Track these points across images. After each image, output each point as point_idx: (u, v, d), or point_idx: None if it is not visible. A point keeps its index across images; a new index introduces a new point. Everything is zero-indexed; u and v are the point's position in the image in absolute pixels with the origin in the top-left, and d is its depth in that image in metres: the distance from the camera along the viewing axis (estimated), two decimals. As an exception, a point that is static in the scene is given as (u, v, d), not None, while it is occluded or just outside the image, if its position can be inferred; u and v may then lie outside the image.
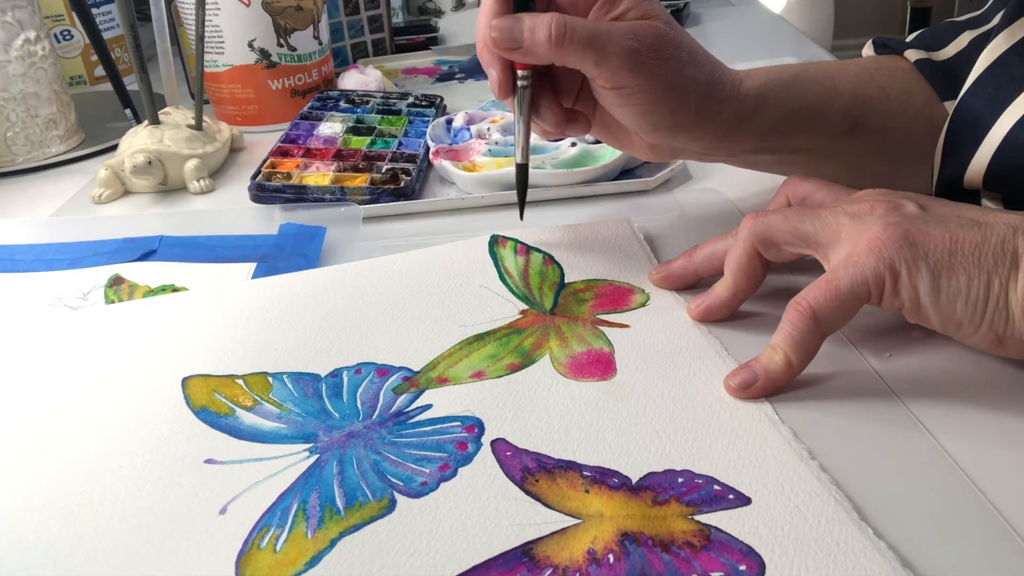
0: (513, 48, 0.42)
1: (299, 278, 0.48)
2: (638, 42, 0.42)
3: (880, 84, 0.52)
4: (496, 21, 0.42)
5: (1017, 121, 0.42)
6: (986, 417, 0.35)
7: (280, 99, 0.77)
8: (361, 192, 0.58)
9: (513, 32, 0.42)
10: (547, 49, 0.41)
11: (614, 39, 0.42)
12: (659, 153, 0.49)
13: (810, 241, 0.38)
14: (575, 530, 0.30)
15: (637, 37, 0.42)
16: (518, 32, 0.42)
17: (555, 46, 0.41)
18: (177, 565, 0.30)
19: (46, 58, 0.72)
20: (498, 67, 0.44)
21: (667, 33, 0.43)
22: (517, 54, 0.42)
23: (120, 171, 0.64)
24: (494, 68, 0.44)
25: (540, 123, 0.46)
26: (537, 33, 0.41)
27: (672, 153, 0.49)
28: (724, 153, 0.50)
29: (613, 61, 0.42)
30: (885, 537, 0.29)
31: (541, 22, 0.41)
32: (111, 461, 0.35)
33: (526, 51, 0.42)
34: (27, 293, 0.50)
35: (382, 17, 0.95)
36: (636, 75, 0.42)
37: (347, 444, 0.35)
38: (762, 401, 0.36)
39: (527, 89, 0.44)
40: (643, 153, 0.49)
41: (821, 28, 2.04)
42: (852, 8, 2.70)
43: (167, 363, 0.41)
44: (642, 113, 0.44)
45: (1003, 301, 0.34)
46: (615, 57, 0.42)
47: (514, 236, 0.50)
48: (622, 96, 0.43)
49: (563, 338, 0.42)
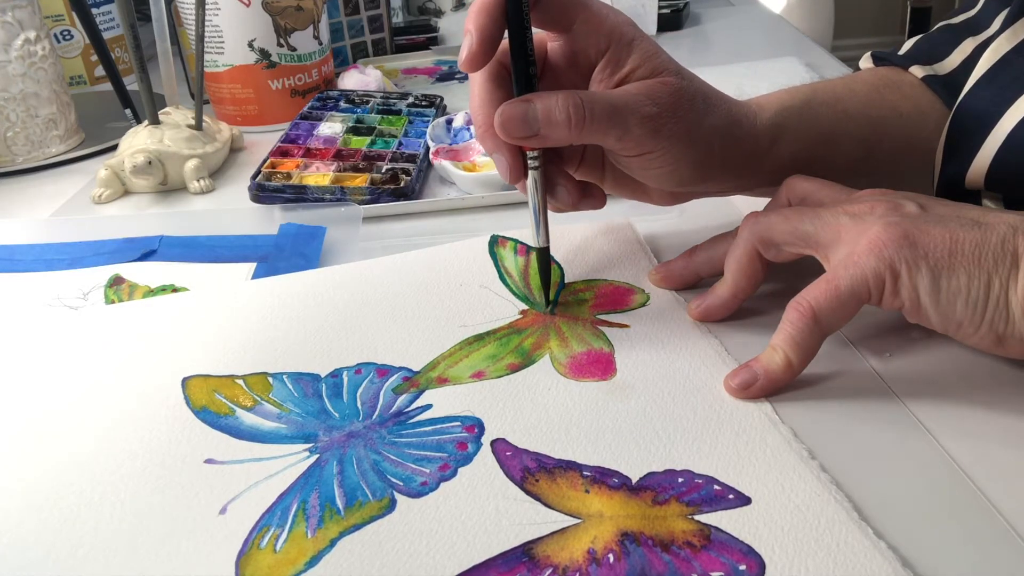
0: (528, 135, 0.39)
1: (299, 278, 0.48)
2: (657, 107, 0.40)
3: (892, 104, 0.51)
4: (505, 108, 0.39)
5: (1019, 121, 0.42)
6: (986, 417, 0.35)
7: (280, 99, 0.77)
8: (361, 192, 0.58)
9: (526, 118, 0.38)
10: (567, 132, 0.38)
11: (632, 109, 0.39)
12: (678, 199, 0.47)
13: (810, 241, 0.38)
14: (575, 530, 0.30)
15: (654, 101, 0.40)
16: (531, 118, 0.38)
17: (576, 128, 0.38)
18: (177, 565, 0.30)
19: (46, 58, 0.72)
20: (506, 152, 0.40)
21: (681, 87, 0.41)
22: (533, 141, 0.39)
23: (120, 171, 0.64)
24: (501, 154, 0.40)
25: (555, 201, 0.43)
26: (554, 116, 0.38)
27: (691, 197, 0.48)
28: (743, 189, 0.48)
29: (635, 132, 0.39)
30: (885, 537, 0.29)
31: (556, 105, 0.38)
32: (111, 461, 0.35)
33: (543, 137, 0.39)
34: (27, 293, 0.50)
35: (382, 17, 0.95)
36: (659, 140, 0.40)
37: (347, 444, 0.35)
38: (762, 401, 0.36)
39: (540, 169, 0.41)
40: (661, 202, 0.47)
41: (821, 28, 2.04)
42: (852, 8, 2.71)
43: (167, 363, 0.41)
44: (669, 173, 0.42)
45: (1003, 301, 0.34)
46: (637, 128, 0.39)
47: (514, 236, 0.50)
48: (646, 161, 0.41)
49: (563, 338, 0.42)
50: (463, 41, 0.39)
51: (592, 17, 0.40)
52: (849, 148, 0.48)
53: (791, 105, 0.47)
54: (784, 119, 0.46)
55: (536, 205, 0.42)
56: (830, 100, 0.49)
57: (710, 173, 0.44)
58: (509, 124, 0.39)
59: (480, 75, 0.41)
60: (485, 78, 0.41)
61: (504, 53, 0.40)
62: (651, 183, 0.44)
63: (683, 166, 0.42)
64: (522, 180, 0.41)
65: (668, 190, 0.45)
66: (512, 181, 0.41)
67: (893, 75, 0.54)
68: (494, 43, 0.39)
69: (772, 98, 0.48)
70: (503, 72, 0.41)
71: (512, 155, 0.41)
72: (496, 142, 0.40)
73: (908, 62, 0.54)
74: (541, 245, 0.43)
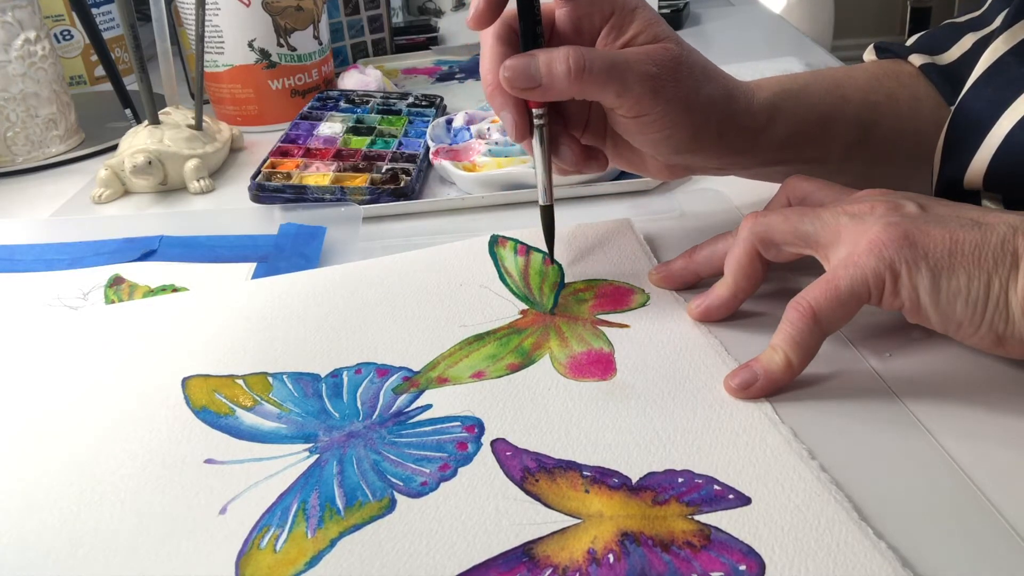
0: (531, 87, 0.40)
1: (299, 278, 0.48)
2: (657, 68, 0.41)
3: (888, 90, 0.52)
4: (509, 61, 0.40)
5: (1017, 122, 0.42)
6: (986, 417, 0.35)
7: (280, 99, 0.77)
8: (361, 192, 0.58)
9: (529, 70, 0.40)
10: (567, 84, 0.40)
11: (633, 67, 0.41)
12: (674, 172, 0.48)
13: (810, 241, 0.38)
14: (575, 530, 0.30)
15: (655, 63, 0.41)
16: (534, 70, 0.40)
17: (575, 80, 0.40)
18: (177, 565, 0.30)
19: (46, 58, 0.72)
20: (512, 109, 0.42)
21: (681, 54, 0.42)
22: (535, 92, 0.41)
23: (120, 171, 0.64)
24: (508, 111, 0.42)
25: (559, 161, 0.45)
26: (555, 68, 0.40)
27: (687, 171, 0.49)
28: (738, 167, 0.49)
29: (635, 90, 0.41)
30: (885, 537, 0.29)
31: (557, 56, 0.40)
32: (111, 461, 0.35)
33: (545, 88, 0.40)
34: (27, 293, 0.50)
35: (382, 17, 0.95)
36: (657, 101, 0.41)
37: (347, 444, 0.35)
38: (762, 401, 0.36)
39: (545, 127, 0.43)
40: (658, 174, 0.48)
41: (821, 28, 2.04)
42: (852, 8, 2.71)
43: (167, 363, 0.41)
44: (665, 138, 0.43)
45: (1003, 301, 0.34)
46: (636, 86, 0.41)
47: (514, 236, 0.50)
48: (643, 123, 0.42)
49: (563, 338, 0.42)
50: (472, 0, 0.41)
51: None
52: (844, 130, 0.49)
53: (790, 88, 0.48)
54: (781, 100, 0.47)
55: (541, 162, 0.44)
56: (829, 85, 0.50)
57: (706, 143, 0.45)
58: (513, 76, 0.40)
59: (490, 36, 0.42)
60: (495, 39, 0.42)
61: (513, 16, 0.42)
62: (648, 149, 0.45)
63: (679, 132, 0.43)
64: (527, 138, 0.43)
65: (664, 160, 0.46)
66: (517, 139, 0.43)
67: (894, 66, 0.55)
68: (501, 3, 0.41)
69: (771, 80, 0.49)
70: (511, 34, 0.42)
71: (518, 113, 0.42)
72: (503, 99, 0.42)
73: (909, 52, 0.55)
74: (545, 203, 0.45)
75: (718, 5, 1.18)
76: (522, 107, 0.42)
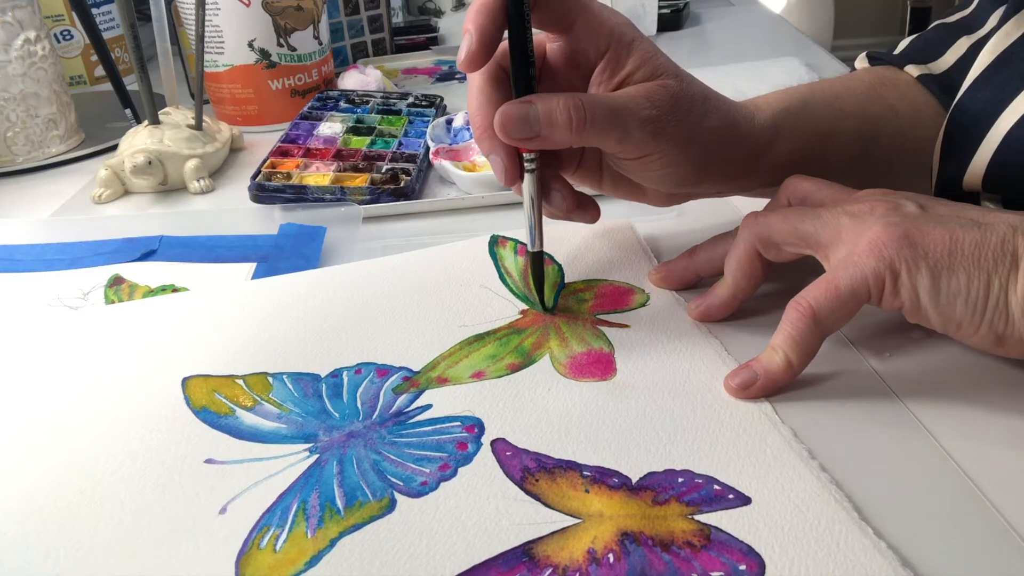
0: (529, 138, 0.39)
1: (299, 278, 0.48)
2: (656, 110, 0.40)
3: (888, 101, 0.51)
4: (505, 108, 0.38)
5: (1016, 121, 0.42)
6: (986, 417, 0.35)
7: (280, 99, 0.77)
8: (361, 192, 0.58)
9: (527, 120, 0.38)
10: (568, 135, 0.38)
11: (632, 112, 0.39)
12: (675, 200, 0.47)
13: (810, 241, 0.38)
14: (575, 530, 0.30)
15: (654, 104, 0.40)
16: (533, 119, 0.38)
17: (576, 132, 0.38)
18: (177, 565, 0.30)
19: (46, 58, 0.72)
20: (503, 154, 0.40)
21: (680, 90, 0.41)
22: (533, 143, 0.39)
23: (120, 171, 0.64)
24: (498, 155, 0.40)
25: (549, 206, 0.43)
26: (555, 119, 0.38)
27: (688, 198, 0.47)
28: (741, 189, 0.48)
29: (635, 135, 0.39)
30: (885, 537, 0.29)
31: (557, 107, 0.38)
32: (111, 461, 0.35)
33: (544, 139, 0.38)
34: (27, 293, 0.50)
35: (382, 17, 0.95)
36: (659, 142, 0.40)
37: (347, 444, 0.35)
38: (762, 401, 0.36)
39: (536, 171, 0.41)
40: (659, 202, 0.47)
41: (821, 28, 2.04)
42: (852, 8, 2.71)
43: (167, 363, 0.41)
44: (668, 175, 0.42)
45: (1003, 301, 0.34)
46: (637, 131, 0.39)
47: (514, 236, 0.50)
48: (645, 163, 0.41)
49: (563, 338, 0.42)
50: (462, 41, 0.39)
51: (592, 18, 0.40)
52: (846, 145, 0.49)
53: (788, 106, 0.47)
54: (782, 119, 0.46)
55: (531, 209, 0.41)
56: (828, 99, 0.49)
57: (708, 174, 0.44)
58: (509, 125, 0.38)
59: (479, 76, 0.40)
60: (484, 79, 0.40)
61: (503, 54, 0.40)
62: (649, 184, 0.44)
63: (681, 168, 0.42)
64: (518, 183, 0.41)
65: (665, 191, 0.45)
66: (508, 183, 0.41)
67: (889, 74, 0.54)
68: (493, 43, 0.39)
69: (770, 99, 0.48)
70: (502, 74, 0.41)
71: (509, 157, 0.40)
72: (493, 143, 0.40)
73: (903, 61, 0.54)
74: (535, 249, 0.42)
75: (718, 5, 1.18)
76: (513, 151, 0.40)
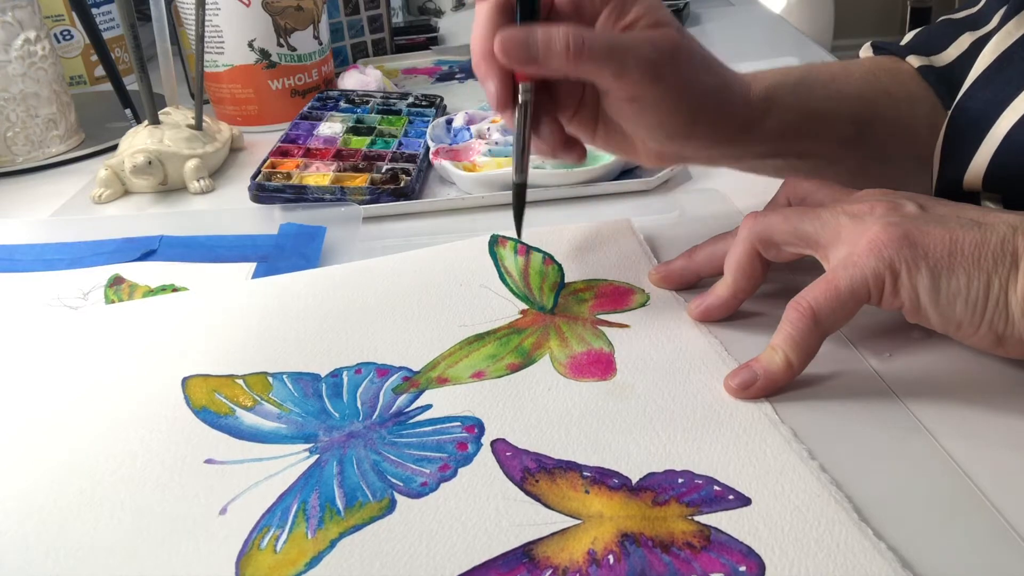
0: (527, 61, 0.39)
1: (299, 278, 0.48)
2: (656, 53, 0.40)
3: (885, 87, 0.52)
4: (505, 32, 0.39)
5: (1017, 121, 0.42)
6: (986, 417, 0.35)
7: (280, 99, 0.77)
8: (361, 192, 0.58)
9: (527, 43, 0.39)
10: (564, 61, 0.39)
11: (633, 50, 0.40)
12: (665, 159, 0.48)
13: (810, 241, 0.38)
14: (575, 531, 0.30)
15: (655, 48, 0.41)
16: (532, 43, 0.39)
17: (573, 58, 0.39)
18: (177, 565, 0.30)
19: (46, 58, 0.72)
20: (497, 79, 0.41)
21: (681, 42, 0.42)
22: (530, 67, 0.40)
23: (120, 171, 0.64)
24: (492, 80, 0.41)
25: (538, 141, 0.43)
26: (553, 44, 0.39)
27: (678, 160, 0.48)
28: (731, 158, 0.49)
29: (634, 73, 0.40)
30: (885, 537, 0.29)
31: (556, 33, 0.39)
32: (111, 461, 0.35)
33: (541, 64, 0.39)
34: (27, 293, 0.50)
35: (382, 17, 0.95)
36: (655, 86, 0.41)
37: (347, 444, 0.35)
38: (762, 401, 0.36)
39: (529, 104, 0.41)
40: (648, 160, 0.48)
41: (821, 28, 2.04)
42: (852, 8, 2.71)
43: (167, 363, 0.41)
44: (660, 123, 0.43)
45: (1003, 301, 0.34)
46: (635, 69, 0.40)
47: (514, 236, 0.50)
48: (639, 108, 0.42)
49: (563, 338, 0.42)
50: None
51: None
52: (839, 126, 0.49)
53: (785, 81, 0.48)
54: (777, 93, 0.47)
55: (520, 138, 0.42)
56: (825, 79, 0.50)
57: (700, 131, 0.44)
58: (509, 47, 0.39)
59: (486, 4, 0.41)
60: (491, 8, 0.41)
61: None
62: (641, 134, 0.44)
63: (674, 118, 0.43)
64: (509, 109, 0.42)
65: (656, 146, 0.45)
66: (498, 108, 0.42)
67: (890, 63, 0.54)
68: None
69: (768, 73, 0.49)
70: (508, 6, 0.41)
71: (502, 82, 0.41)
72: (488, 68, 0.41)
73: (906, 52, 0.55)
74: (518, 180, 0.43)
75: (718, 5, 1.18)
76: (507, 78, 0.41)
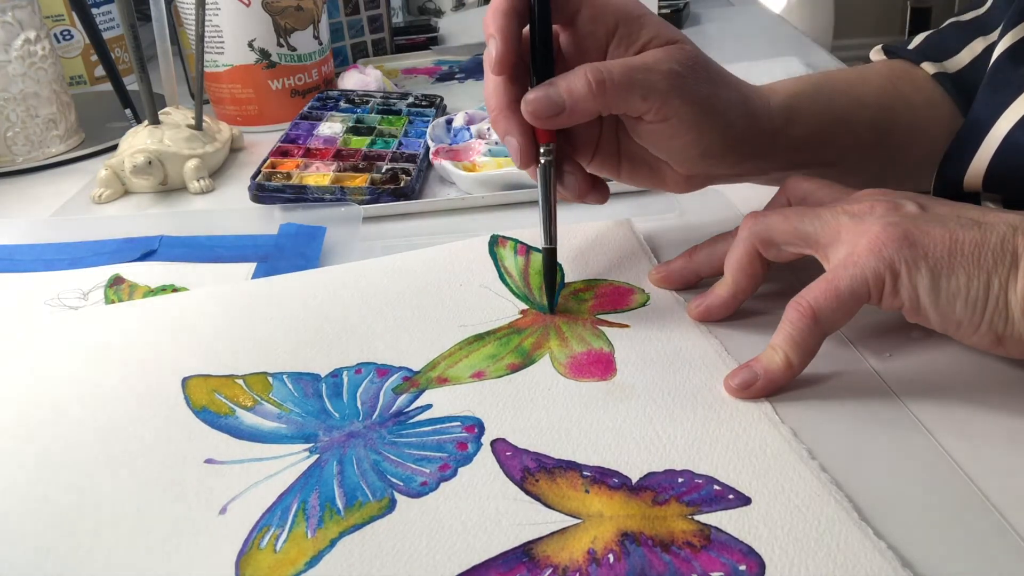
0: (556, 113, 0.39)
1: (299, 278, 0.48)
2: (679, 66, 0.40)
3: (904, 94, 0.51)
4: (530, 95, 0.39)
5: (1016, 123, 0.42)
6: (986, 417, 0.35)
7: (280, 99, 0.77)
8: (361, 192, 0.58)
9: (551, 99, 0.39)
10: (591, 100, 0.39)
11: (654, 68, 0.40)
12: (694, 184, 0.47)
13: (810, 241, 0.38)
14: (575, 530, 0.30)
15: (676, 61, 0.40)
16: (556, 96, 0.39)
17: (598, 94, 0.39)
18: (177, 565, 0.30)
19: (46, 58, 0.72)
20: (518, 134, 0.41)
21: (698, 54, 0.42)
22: (562, 118, 0.40)
23: (120, 171, 0.64)
24: (514, 136, 0.41)
25: (562, 190, 0.43)
26: (575, 89, 0.39)
27: (706, 181, 0.47)
28: (758, 172, 0.48)
29: (661, 88, 0.40)
30: (885, 537, 0.29)
31: (575, 77, 0.39)
32: (111, 461, 0.35)
33: (570, 111, 0.39)
34: (27, 293, 0.50)
35: (382, 17, 0.95)
36: (684, 101, 0.40)
37: (347, 444, 0.35)
38: (762, 401, 0.36)
39: (551, 164, 0.41)
40: (677, 187, 0.47)
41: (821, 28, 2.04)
42: (852, 8, 2.70)
43: (167, 363, 0.41)
44: (694, 141, 0.42)
45: (1002, 301, 0.34)
46: (662, 83, 0.40)
47: (514, 236, 0.50)
48: (672, 127, 0.41)
49: (563, 338, 0.42)
50: (488, 45, 0.40)
51: (595, 2, 0.41)
52: (861, 133, 0.49)
53: (802, 90, 0.48)
54: (797, 101, 0.47)
55: (547, 202, 0.42)
56: (843, 87, 0.50)
57: (729, 147, 0.43)
58: (537, 108, 0.39)
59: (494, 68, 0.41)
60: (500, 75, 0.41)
61: None
62: (672, 157, 0.44)
63: (705, 136, 0.42)
64: (533, 165, 0.42)
65: (685, 169, 0.45)
66: (523, 166, 0.42)
67: (905, 68, 0.54)
68: (517, 42, 0.40)
69: (783, 83, 0.48)
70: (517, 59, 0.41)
71: (525, 138, 0.41)
72: (508, 124, 0.41)
73: (919, 57, 0.54)
74: (547, 246, 0.43)
75: (718, 5, 1.18)
76: (529, 132, 0.41)
